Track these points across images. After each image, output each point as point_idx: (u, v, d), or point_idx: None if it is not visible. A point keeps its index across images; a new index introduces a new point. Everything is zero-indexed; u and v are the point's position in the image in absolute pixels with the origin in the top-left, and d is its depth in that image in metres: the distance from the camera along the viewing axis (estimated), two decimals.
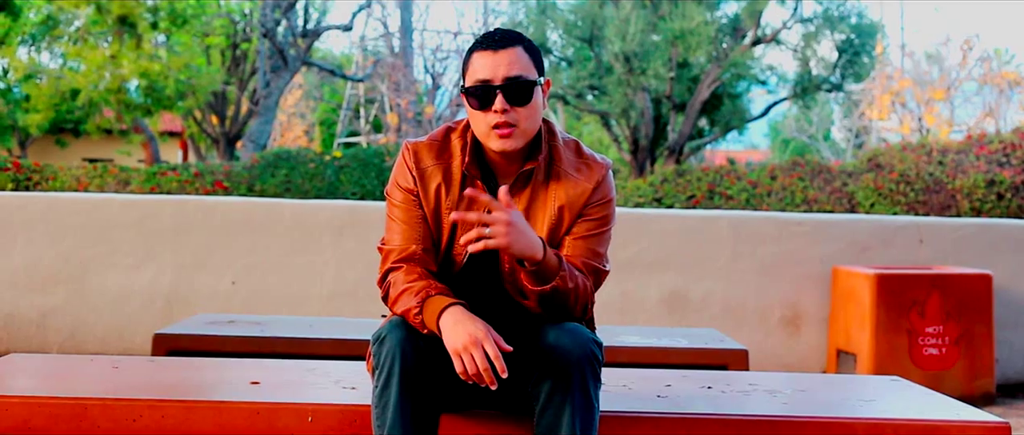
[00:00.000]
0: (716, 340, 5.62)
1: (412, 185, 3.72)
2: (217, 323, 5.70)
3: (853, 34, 23.19)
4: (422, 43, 29.90)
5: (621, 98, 22.40)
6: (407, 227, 3.72)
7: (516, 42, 3.68)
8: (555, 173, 3.73)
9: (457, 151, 3.74)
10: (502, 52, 3.64)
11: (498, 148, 3.63)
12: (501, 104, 3.58)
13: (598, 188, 3.74)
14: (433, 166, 3.73)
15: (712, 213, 9.53)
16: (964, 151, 13.56)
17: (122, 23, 23.53)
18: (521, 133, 3.64)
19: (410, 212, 3.73)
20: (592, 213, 3.73)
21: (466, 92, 3.67)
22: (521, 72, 3.64)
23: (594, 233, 3.74)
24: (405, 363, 3.46)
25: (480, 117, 3.64)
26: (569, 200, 3.71)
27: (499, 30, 3.71)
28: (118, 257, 8.97)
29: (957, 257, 9.21)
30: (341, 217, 9.05)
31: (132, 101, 23.80)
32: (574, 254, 3.70)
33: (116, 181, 13.73)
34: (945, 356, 8.48)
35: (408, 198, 3.73)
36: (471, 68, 3.68)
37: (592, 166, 3.77)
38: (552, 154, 3.76)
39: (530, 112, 3.65)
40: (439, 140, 3.78)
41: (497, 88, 3.60)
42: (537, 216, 3.71)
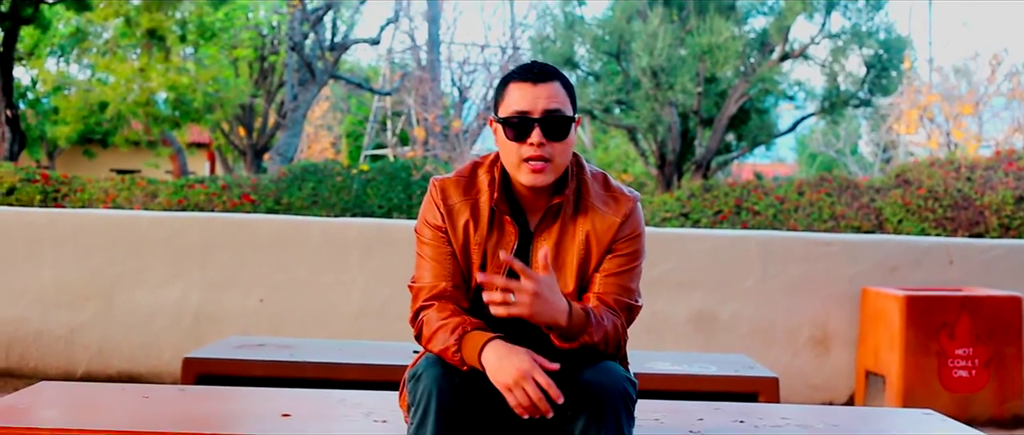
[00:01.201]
0: (746, 367, 5.60)
1: (440, 222, 3.70)
2: (246, 347, 5.69)
3: (881, 49, 23.09)
4: (450, 56, 29.89)
5: (648, 113, 22.35)
6: (437, 264, 3.70)
7: (555, 77, 3.67)
8: (583, 207, 3.71)
9: (484, 186, 3.72)
10: (541, 85, 3.62)
11: (528, 182, 3.61)
12: (538, 137, 3.57)
13: (627, 222, 3.72)
14: (461, 202, 3.71)
15: (740, 233, 9.49)
16: (992, 167, 13.50)
17: (151, 36, 23.61)
18: (553, 168, 3.62)
19: (439, 249, 3.71)
20: (622, 248, 3.71)
21: (502, 122, 3.64)
22: (560, 106, 3.62)
23: (625, 269, 3.72)
24: (442, 401, 3.45)
25: (513, 149, 3.61)
26: (597, 234, 3.69)
27: (537, 63, 3.69)
28: (146, 274, 8.99)
29: (987, 278, 9.16)
30: (369, 235, 9.05)
31: (160, 114, 23.88)
32: (606, 291, 3.69)
33: (144, 193, 13.76)
34: (975, 379, 8.43)
35: (437, 235, 3.71)
36: (508, 98, 3.65)
37: (620, 200, 3.75)
38: (580, 188, 3.74)
39: (565, 148, 3.64)
40: (466, 176, 3.76)
41: (535, 121, 3.59)
42: (566, 250, 3.69)
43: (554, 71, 3.69)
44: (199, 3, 25.70)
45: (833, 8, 22.81)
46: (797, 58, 23.69)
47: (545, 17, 25.32)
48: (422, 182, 15.40)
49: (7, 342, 8.94)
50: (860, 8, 23.04)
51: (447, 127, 23.32)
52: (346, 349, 5.80)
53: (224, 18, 27.71)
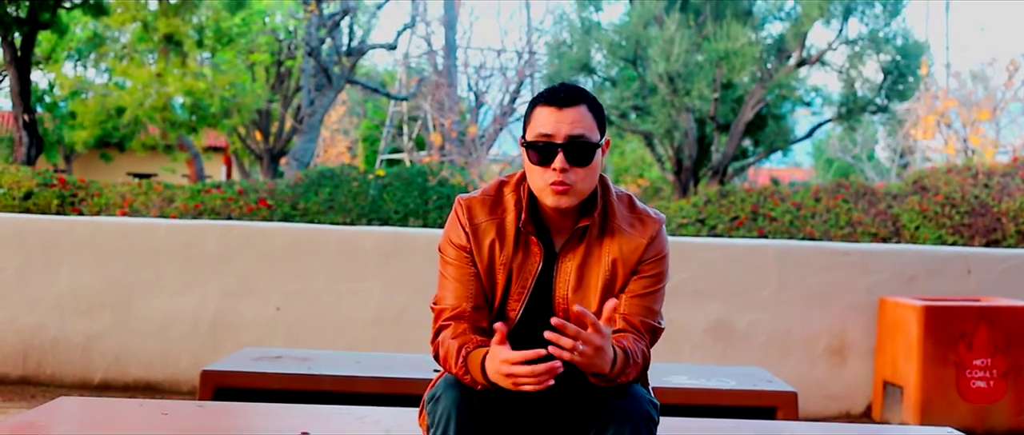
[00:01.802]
0: (765, 381, 5.58)
1: (465, 242, 3.70)
2: (264, 359, 5.69)
3: (898, 55, 23.07)
4: (466, 61, 29.93)
5: (665, 118, 22.35)
6: (459, 285, 3.70)
7: (582, 100, 3.64)
8: (609, 229, 3.71)
9: (510, 206, 3.72)
10: (567, 110, 3.60)
11: (552, 204, 3.60)
12: (561, 162, 3.55)
13: (652, 243, 3.72)
14: (487, 221, 3.71)
15: (758, 242, 9.48)
16: (1010, 174, 13.47)
17: (168, 41, 23.65)
18: (576, 193, 3.60)
19: (463, 269, 3.70)
20: (647, 270, 3.71)
21: (526, 145, 3.64)
22: (584, 132, 3.60)
23: (650, 291, 3.73)
24: (461, 423, 3.46)
25: (538, 172, 3.61)
26: (623, 256, 3.68)
27: (565, 86, 3.67)
28: (163, 282, 9.00)
29: (1005, 288, 9.13)
30: (386, 244, 9.05)
31: (177, 118, 23.93)
32: (631, 313, 3.69)
33: (161, 198, 13.77)
34: (993, 389, 8.41)
35: (461, 255, 3.71)
36: (534, 121, 3.64)
37: (646, 221, 3.75)
38: (606, 209, 3.73)
39: (589, 173, 3.62)
40: (492, 195, 3.76)
41: (559, 146, 3.57)
42: (591, 272, 3.69)
43: (582, 94, 3.66)
44: (216, 8, 25.77)
45: (850, 14, 22.80)
46: (814, 64, 23.69)
47: (562, 22, 25.34)
48: (439, 188, 15.40)
49: (24, 349, 8.95)
50: (877, 14, 23.02)
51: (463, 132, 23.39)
52: (363, 361, 5.80)
53: (241, 23, 27.79)
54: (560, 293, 3.68)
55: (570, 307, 3.64)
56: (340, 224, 13.40)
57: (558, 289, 3.67)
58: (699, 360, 8.95)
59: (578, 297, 3.67)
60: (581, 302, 3.65)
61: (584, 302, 3.67)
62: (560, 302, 3.68)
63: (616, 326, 3.64)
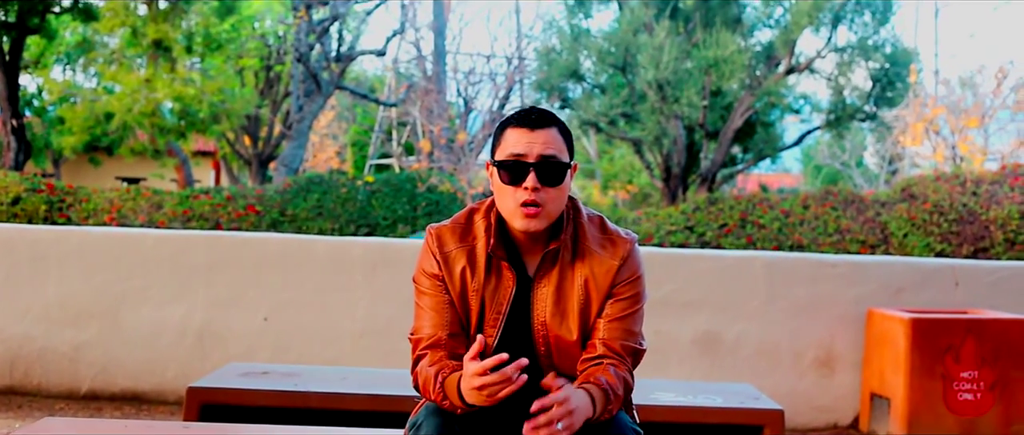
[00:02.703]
0: (751, 398, 5.59)
1: (437, 270, 3.71)
2: (251, 375, 5.68)
3: (887, 63, 23.13)
4: (455, 66, 29.88)
5: (654, 125, 22.38)
6: (435, 314, 3.70)
7: (552, 123, 3.67)
8: (581, 251, 3.72)
9: (481, 233, 3.72)
10: (539, 131, 3.63)
11: (522, 227, 3.61)
12: (533, 182, 3.57)
13: (625, 264, 3.72)
14: (457, 249, 3.72)
15: (746, 254, 9.48)
16: (998, 182, 13.50)
17: (157, 46, 23.63)
18: (546, 214, 3.62)
19: (437, 298, 3.71)
20: (622, 292, 3.71)
21: (497, 165, 3.64)
22: (555, 153, 3.62)
23: (628, 313, 3.72)
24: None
25: (508, 193, 3.62)
26: (596, 278, 3.69)
27: (535, 109, 3.70)
28: (151, 292, 8.98)
29: (993, 300, 9.14)
30: (374, 254, 9.04)
31: (166, 124, 23.89)
32: (610, 337, 3.68)
33: (149, 204, 13.77)
34: (980, 402, 8.42)
35: (434, 284, 3.71)
36: (504, 142, 3.66)
37: (617, 242, 3.75)
38: (577, 232, 3.74)
39: (559, 194, 3.64)
40: (462, 223, 3.77)
41: (531, 166, 3.59)
42: (567, 296, 3.69)
43: (552, 117, 3.70)
44: (205, 14, 25.74)
45: (839, 22, 22.85)
46: (803, 71, 23.73)
47: (551, 29, 25.36)
48: (428, 194, 15.41)
49: (12, 359, 8.93)
50: (866, 22, 23.08)
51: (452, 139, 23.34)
52: (350, 378, 5.79)
53: (230, 29, 27.77)
54: (538, 319, 3.68)
55: (549, 332, 3.65)
56: (329, 230, 13.41)
57: (536, 315, 3.68)
58: (687, 371, 8.96)
59: (556, 322, 3.67)
60: (560, 327, 3.67)
61: (563, 328, 3.67)
62: (539, 328, 3.68)
63: (596, 352, 3.65)
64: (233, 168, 35.36)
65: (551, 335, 3.66)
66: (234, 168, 35.41)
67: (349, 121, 41.04)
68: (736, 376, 8.90)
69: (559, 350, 3.68)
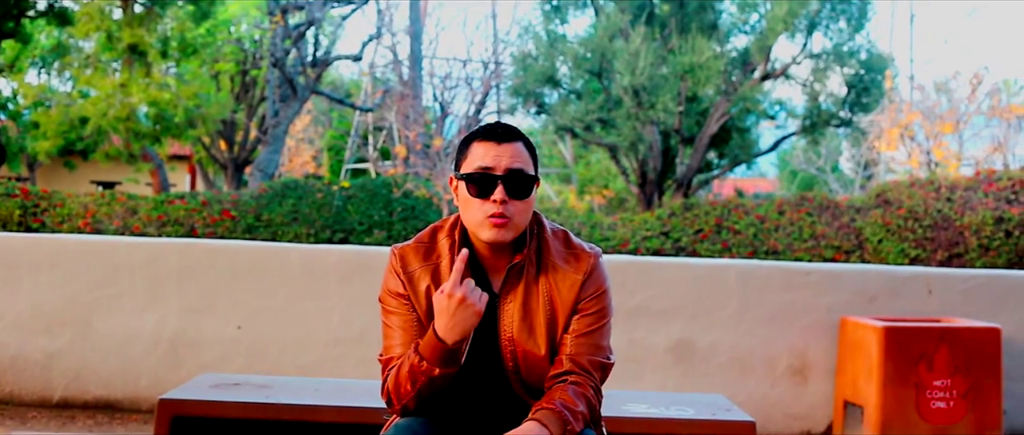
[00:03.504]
0: (723, 410, 5.58)
1: (402, 290, 3.72)
2: (222, 386, 5.67)
3: (862, 69, 23.21)
4: (432, 71, 29.86)
5: (630, 131, 22.40)
6: (403, 333, 3.71)
7: (518, 137, 3.71)
8: (545, 265, 3.73)
9: (445, 250, 3.74)
10: (505, 145, 3.65)
11: (490, 238, 3.61)
12: (501, 194, 3.58)
13: (590, 279, 3.74)
14: (421, 268, 3.73)
15: (720, 262, 9.49)
16: (972, 188, 13.54)
17: (132, 51, 23.56)
18: (514, 226, 3.64)
19: (404, 317, 3.72)
20: (588, 307, 3.72)
21: (465, 178, 3.65)
22: (522, 166, 3.65)
23: (594, 328, 3.73)
24: None
25: (476, 205, 3.63)
26: (561, 292, 3.70)
27: (501, 124, 3.72)
28: (124, 300, 8.95)
29: (966, 309, 9.17)
30: (349, 262, 9.03)
31: (141, 129, 23.82)
32: (578, 352, 3.69)
33: (124, 209, 13.73)
34: (953, 410, 8.44)
35: (401, 303, 3.72)
36: (471, 156, 3.67)
37: (581, 256, 3.77)
38: (541, 246, 3.76)
39: (526, 207, 3.66)
40: (425, 242, 3.78)
41: (499, 178, 3.60)
42: (533, 311, 3.70)
43: (517, 132, 3.73)
44: (181, 18, 25.68)
45: (815, 28, 22.92)
46: (779, 77, 23.79)
47: (527, 34, 25.36)
48: (403, 199, 15.39)
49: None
50: (842, 28, 23.15)
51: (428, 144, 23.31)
52: (322, 389, 5.78)
53: (206, 33, 27.71)
54: (505, 335, 3.69)
55: (516, 348, 3.66)
56: (304, 235, 13.39)
57: (503, 331, 3.69)
58: (661, 380, 8.96)
59: (523, 337, 3.68)
60: (528, 342, 3.68)
61: (530, 343, 3.68)
62: (506, 344, 3.69)
63: (563, 368, 3.65)
64: (209, 172, 35.28)
65: (519, 350, 3.66)
66: (210, 172, 35.34)
67: (325, 126, 40.99)
68: (710, 384, 8.91)
69: (527, 365, 3.69)
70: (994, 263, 12.43)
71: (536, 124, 28.98)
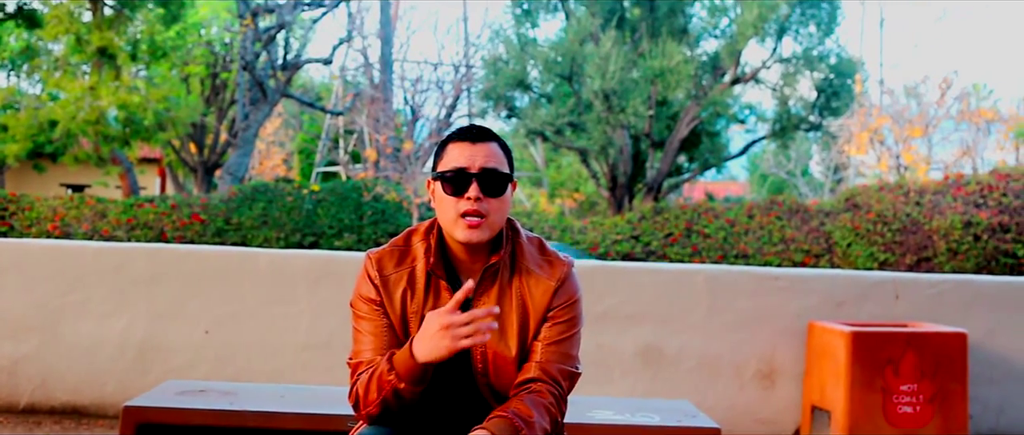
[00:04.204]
0: (689, 416, 5.59)
1: (375, 295, 3.73)
2: (187, 393, 5.66)
3: (832, 73, 23.30)
4: (403, 74, 29.85)
5: (600, 135, 22.43)
6: (374, 338, 3.71)
7: (493, 138, 3.74)
8: (519, 269, 3.76)
9: (420, 254, 3.75)
10: (480, 145, 3.70)
11: (464, 238, 3.63)
12: (475, 192, 3.61)
13: (562, 287, 3.76)
14: (396, 273, 3.75)
15: (688, 267, 9.50)
16: (941, 192, 13.59)
17: (102, 54, 23.47)
18: (488, 225, 3.65)
19: (376, 322, 3.72)
20: (559, 316, 3.74)
21: (440, 178, 3.69)
22: (496, 165, 3.68)
23: (565, 337, 3.75)
24: None
25: (451, 204, 3.65)
26: (534, 297, 3.73)
27: (476, 125, 3.76)
28: (91, 305, 8.91)
29: (933, 314, 9.20)
30: (317, 267, 9.01)
31: (110, 132, 23.71)
32: (547, 360, 3.70)
33: (93, 212, 13.69)
34: (919, 414, 8.47)
35: (373, 309, 3.73)
36: (447, 157, 3.71)
37: (555, 264, 3.80)
38: (516, 250, 3.79)
39: (501, 205, 3.69)
40: (400, 246, 3.78)
41: (473, 176, 3.63)
42: (506, 315, 3.71)
43: (491, 133, 3.77)
44: (150, 21, 25.59)
45: (784, 33, 22.99)
46: (749, 82, 23.84)
47: (498, 38, 25.37)
48: (374, 203, 15.38)
49: None
50: (811, 33, 23.24)
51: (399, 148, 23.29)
52: (288, 396, 5.76)
53: (176, 36, 27.63)
54: None
55: (487, 350, 3.68)
56: (274, 239, 13.37)
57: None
58: (629, 384, 8.97)
59: (495, 340, 3.69)
60: (498, 344, 3.69)
61: (502, 344, 3.70)
62: (477, 347, 3.69)
63: (530, 375, 3.66)
64: (179, 176, 35.18)
65: (489, 352, 3.68)
66: (180, 176, 35.24)
67: (296, 129, 40.94)
68: (678, 389, 8.92)
69: (497, 368, 3.70)
70: (962, 267, 12.48)
71: (507, 128, 29.02)
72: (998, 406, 9.28)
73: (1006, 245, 12.60)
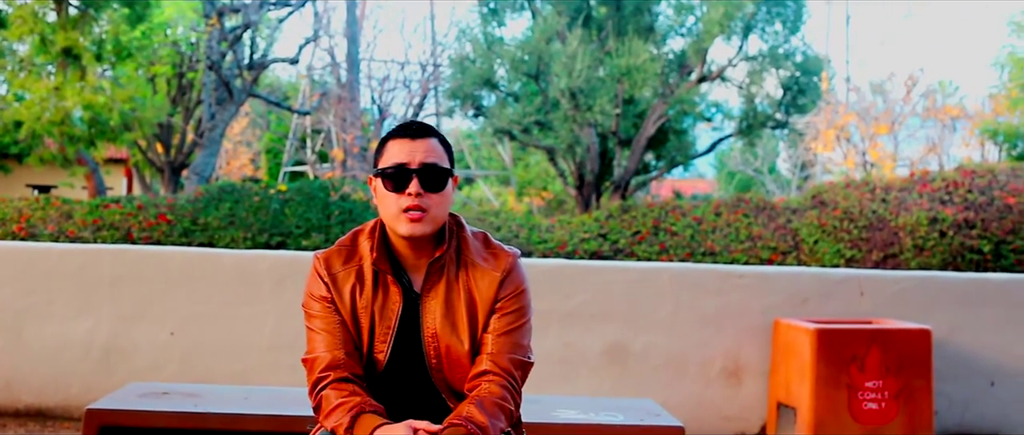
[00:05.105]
0: (653, 415, 5.61)
1: (326, 292, 3.78)
2: (150, 395, 5.64)
3: (798, 71, 23.34)
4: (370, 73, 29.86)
5: (567, 133, 22.43)
6: (328, 335, 3.76)
7: (432, 134, 3.79)
8: (465, 262, 3.80)
9: (366, 251, 3.80)
10: (419, 141, 3.74)
11: (406, 233, 3.67)
12: (416, 187, 3.66)
13: (508, 278, 3.80)
14: (344, 270, 3.79)
15: (654, 265, 9.52)
16: (907, 189, 13.63)
17: (66, 54, 23.34)
18: (430, 219, 3.70)
19: (328, 319, 3.77)
20: (507, 307, 3.78)
21: (381, 175, 3.73)
22: (436, 160, 3.73)
23: (514, 327, 3.79)
24: None
25: (392, 200, 3.69)
26: (480, 290, 3.77)
27: (415, 121, 3.82)
28: (56, 307, 8.88)
29: (897, 310, 9.24)
30: (282, 267, 9.00)
31: (76, 132, 23.58)
32: (498, 352, 3.74)
33: (58, 213, 13.60)
34: (884, 411, 8.50)
35: (324, 306, 3.78)
36: (387, 153, 3.76)
37: (500, 255, 3.84)
38: (460, 245, 3.83)
39: (442, 199, 3.73)
40: (348, 245, 3.85)
41: (413, 172, 3.68)
42: (454, 307, 3.76)
43: (431, 129, 3.82)
44: (116, 21, 25.45)
45: (750, 30, 23.03)
46: (715, 80, 23.89)
47: (465, 37, 25.36)
48: (341, 202, 15.34)
49: None
50: (777, 30, 23.28)
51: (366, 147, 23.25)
52: (252, 397, 5.75)
53: (141, 36, 27.50)
54: (428, 332, 3.74)
55: (439, 343, 3.72)
56: (241, 239, 13.32)
57: (426, 327, 3.74)
58: (595, 383, 8.99)
59: (446, 332, 3.74)
60: (450, 337, 3.74)
61: (453, 337, 3.75)
62: (429, 340, 3.74)
63: (482, 368, 3.68)
64: (145, 176, 35.04)
65: (442, 346, 3.73)
66: (146, 176, 35.10)
67: (263, 129, 40.84)
68: (644, 387, 8.94)
69: (450, 361, 3.74)
70: (928, 263, 12.53)
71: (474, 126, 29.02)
72: (963, 402, 9.34)
73: (971, 241, 12.65)
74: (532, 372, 3.88)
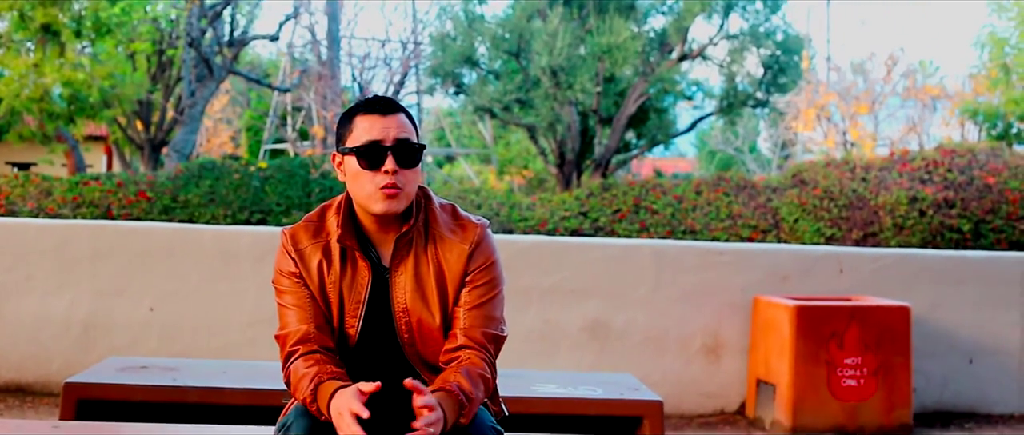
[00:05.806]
0: (631, 389, 5.61)
1: (294, 268, 3.73)
2: (129, 369, 5.62)
3: (778, 50, 23.39)
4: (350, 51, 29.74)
5: (548, 112, 22.44)
6: (299, 310, 3.72)
7: (401, 109, 3.73)
8: (433, 235, 3.75)
9: (333, 227, 3.74)
10: (391, 116, 3.68)
11: (382, 210, 3.63)
12: (392, 164, 3.60)
13: (478, 249, 3.75)
14: (311, 245, 3.74)
15: (635, 242, 9.53)
16: (887, 168, 13.65)
17: (45, 31, 23.24)
18: (405, 196, 3.65)
19: (298, 294, 3.72)
20: (478, 279, 3.74)
21: (355, 152, 3.65)
22: (409, 136, 3.68)
23: (486, 299, 3.75)
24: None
25: (367, 178, 3.63)
26: (449, 263, 3.72)
27: (381, 97, 3.74)
28: (35, 283, 8.86)
29: (876, 287, 9.27)
30: (262, 243, 8.98)
31: (55, 109, 23.49)
32: (471, 325, 3.71)
33: (38, 191, 13.56)
34: (863, 387, 8.53)
35: (293, 281, 3.73)
36: (357, 130, 3.68)
37: (468, 227, 3.78)
38: (428, 218, 3.78)
39: (415, 176, 3.69)
40: (315, 221, 3.79)
41: (388, 149, 3.62)
42: (424, 280, 3.72)
43: (399, 104, 3.76)
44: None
45: (731, 9, 23.05)
46: (696, 58, 23.92)
47: (446, 14, 25.33)
48: (321, 180, 15.32)
49: None
50: (758, 9, 23.31)
51: None
52: (231, 371, 5.74)
53: (121, 13, 27.37)
54: (398, 306, 3.70)
55: (411, 318, 3.68)
56: (221, 216, 13.30)
57: (396, 302, 3.70)
58: (576, 359, 9.00)
59: (417, 307, 3.70)
60: (422, 311, 3.70)
61: (425, 311, 3.70)
62: (400, 315, 3.70)
63: (457, 343, 3.67)
64: (125, 153, 34.90)
65: (413, 320, 3.69)
66: (126, 153, 34.96)
67: (243, 106, 40.70)
68: (624, 363, 8.95)
69: (422, 335, 3.71)
70: (908, 242, 12.56)
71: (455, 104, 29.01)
72: (941, 379, 9.37)
73: (951, 220, 12.68)
74: (513, 347, 3.87)
